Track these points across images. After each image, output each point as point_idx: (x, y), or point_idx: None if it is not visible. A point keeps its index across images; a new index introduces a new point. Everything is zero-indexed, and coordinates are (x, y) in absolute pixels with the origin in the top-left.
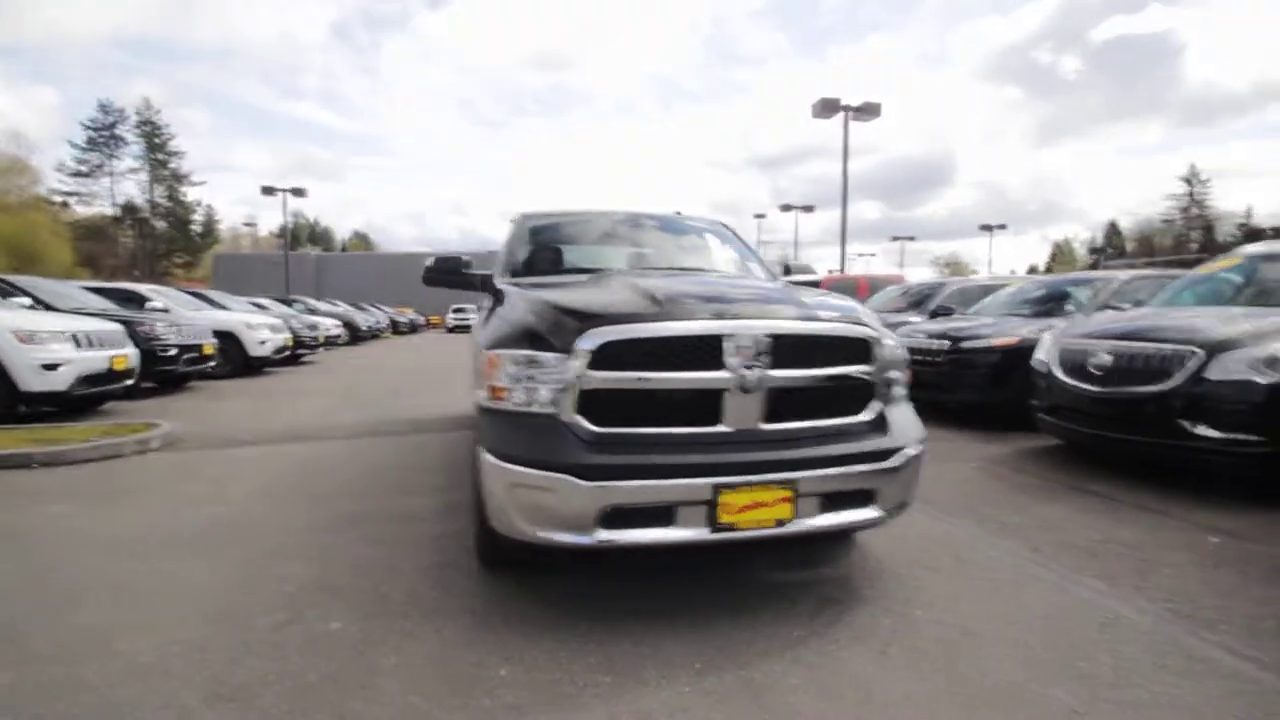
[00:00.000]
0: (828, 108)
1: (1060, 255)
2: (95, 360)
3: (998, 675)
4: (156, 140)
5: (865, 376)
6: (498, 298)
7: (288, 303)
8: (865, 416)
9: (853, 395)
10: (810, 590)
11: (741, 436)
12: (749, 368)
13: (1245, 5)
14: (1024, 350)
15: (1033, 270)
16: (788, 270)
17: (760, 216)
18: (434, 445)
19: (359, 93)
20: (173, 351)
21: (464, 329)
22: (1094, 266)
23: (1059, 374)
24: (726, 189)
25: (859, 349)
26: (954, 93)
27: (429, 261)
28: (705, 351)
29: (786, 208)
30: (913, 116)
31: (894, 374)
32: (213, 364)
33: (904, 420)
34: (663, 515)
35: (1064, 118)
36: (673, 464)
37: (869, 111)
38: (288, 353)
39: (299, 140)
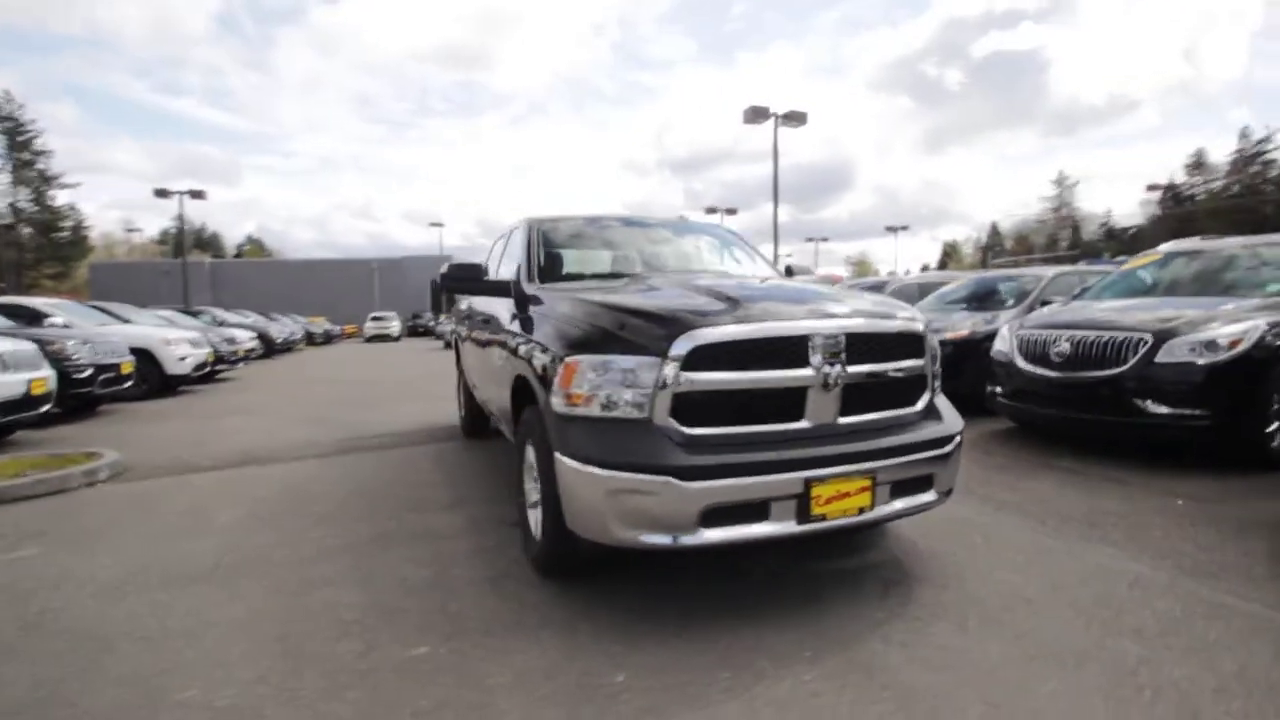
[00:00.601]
0: (757, 114)
1: (951, 255)
2: (12, 385)
3: (1070, 634)
4: (19, 138)
5: (921, 369)
6: (534, 303)
7: (192, 314)
8: (919, 407)
9: (911, 387)
10: (868, 575)
11: (822, 431)
12: (830, 365)
13: (1102, 26)
14: (973, 342)
15: (925, 268)
16: (790, 271)
17: (712, 211)
18: (423, 459)
19: (249, 89)
20: (88, 372)
21: (384, 338)
22: (983, 264)
23: (1020, 362)
24: (640, 191)
25: (917, 343)
26: (851, 101)
27: (444, 269)
28: (792, 351)
29: (711, 210)
30: (815, 123)
31: (937, 366)
32: (129, 384)
33: (948, 409)
34: (757, 511)
35: (950, 126)
36: (767, 460)
37: (796, 119)
38: (207, 369)
39: (182, 139)
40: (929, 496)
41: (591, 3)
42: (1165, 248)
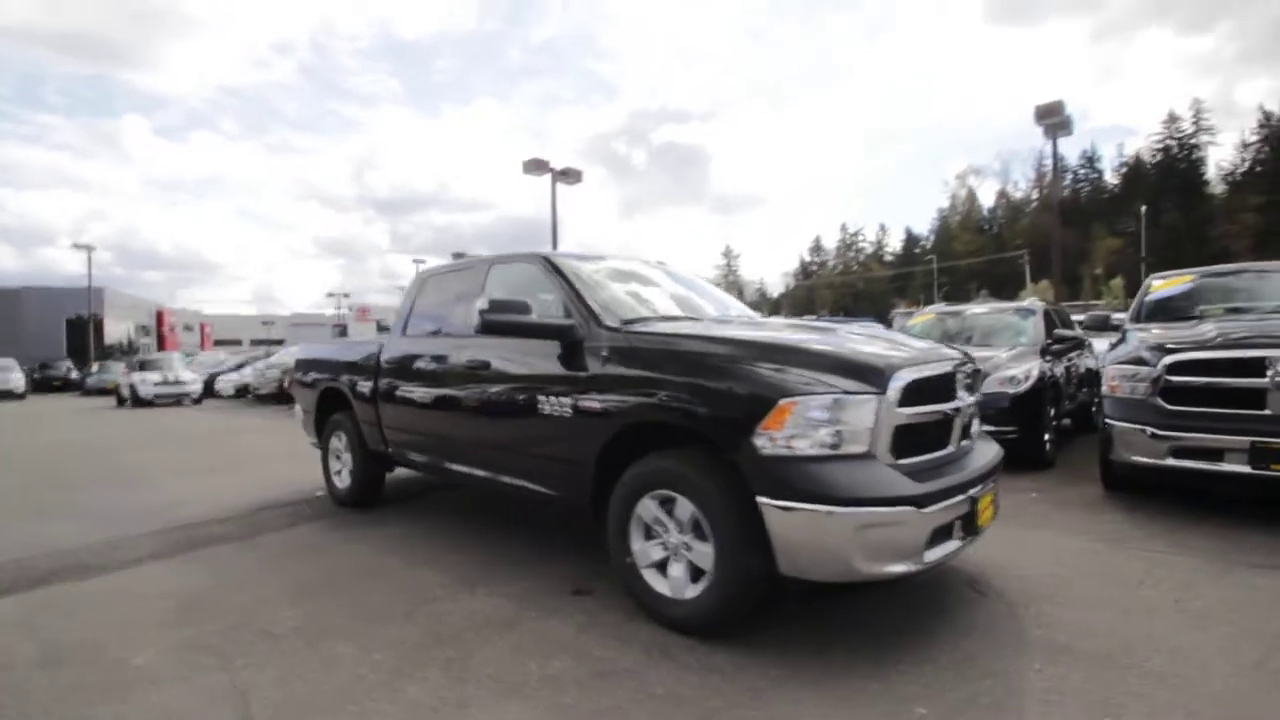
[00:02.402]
0: (537, 167)
1: None
2: None
3: (1159, 602)
4: None
5: None
6: (628, 345)
7: None
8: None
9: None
10: (946, 584)
11: (958, 454)
12: (964, 396)
13: (747, 130)
14: None
15: None
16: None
17: (419, 261)
18: (342, 547)
19: None
20: None
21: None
22: None
23: None
24: (337, 226)
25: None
26: (559, 163)
27: (486, 304)
28: (948, 386)
29: (419, 261)
30: (524, 181)
31: None
32: None
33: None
34: (949, 530)
35: (639, 198)
36: (959, 483)
37: (571, 176)
38: None
39: None
40: None
41: (276, 20)
42: (934, 309)
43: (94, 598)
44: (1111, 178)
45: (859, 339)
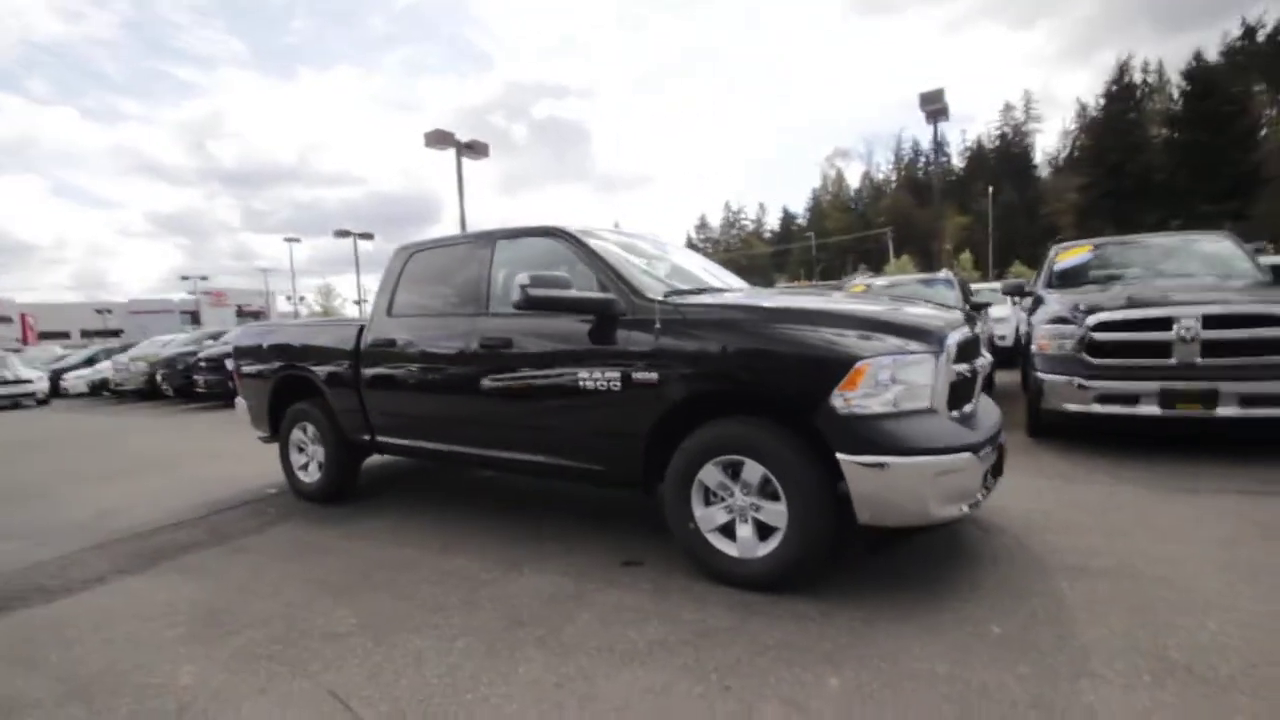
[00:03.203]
0: (441, 139)
1: None
2: None
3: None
4: None
5: None
6: (680, 317)
7: None
8: None
9: None
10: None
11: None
12: (986, 355)
13: (628, 109)
14: None
15: None
16: None
17: (293, 240)
18: (340, 544)
19: None
20: None
21: None
22: None
23: None
24: (175, 201)
25: None
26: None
27: (527, 279)
28: (976, 346)
29: (293, 239)
30: (394, 152)
31: None
32: None
33: None
34: (989, 474)
35: (521, 174)
36: (992, 432)
37: (478, 150)
38: None
39: None
40: None
41: None
42: (865, 280)
43: (79, 621)
44: (958, 161)
45: (906, 305)
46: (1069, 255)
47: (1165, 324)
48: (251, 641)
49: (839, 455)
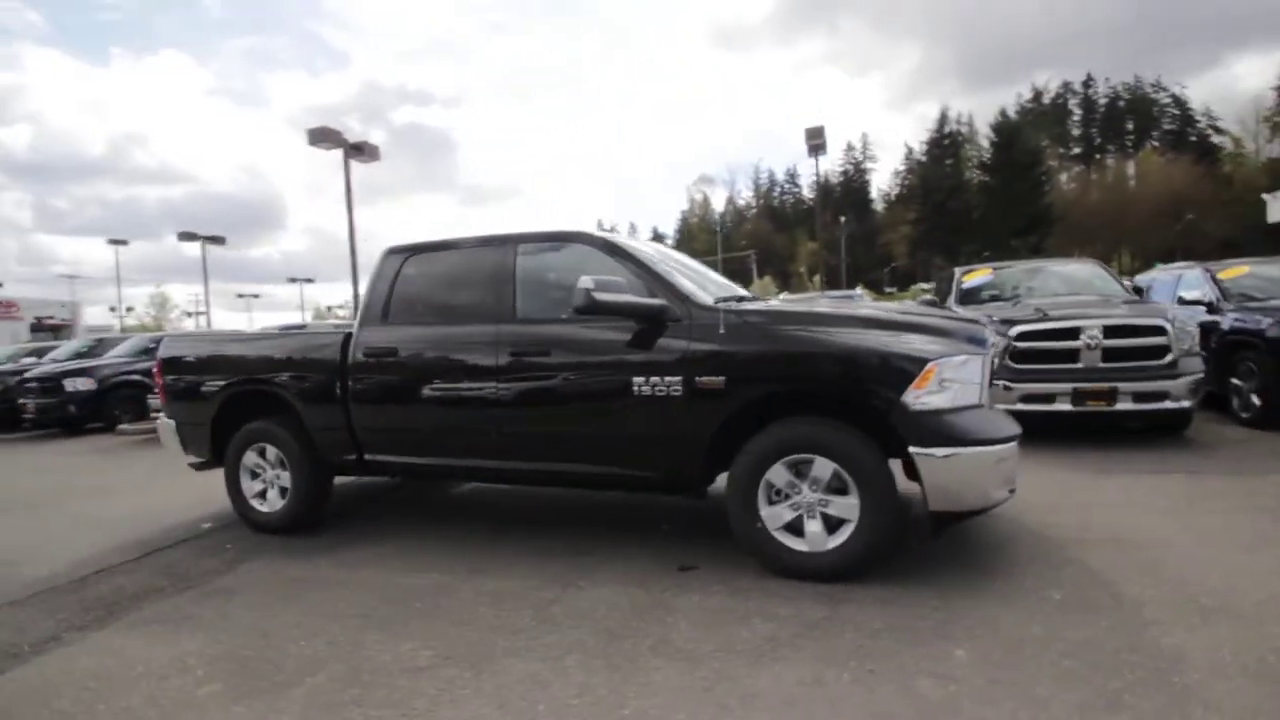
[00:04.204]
0: (325, 138)
1: None
2: None
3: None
4: None
5: None
6: (745, 323)
7: None
8: None
9: None
10: None
11: None
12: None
13: (496, 121)
14: None
15: None
16: None
17: (119, 243)
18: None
19: None
20: None
21: None
22: None
23: None
24: None
25: None
26: (276, 135)
27: (590, 283)
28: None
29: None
30: (233, 149)
31: None
32: None
33: None
34: None
35: (380, 181)
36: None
37: (368, 153)
38: None
39: None
40: None
41: None
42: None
43: (66, 689)
44: (808, 192)
45: (946, 312)
46: (973, 276)
47: (1074, 333)
48: (317, 690)
49: (912, 448)
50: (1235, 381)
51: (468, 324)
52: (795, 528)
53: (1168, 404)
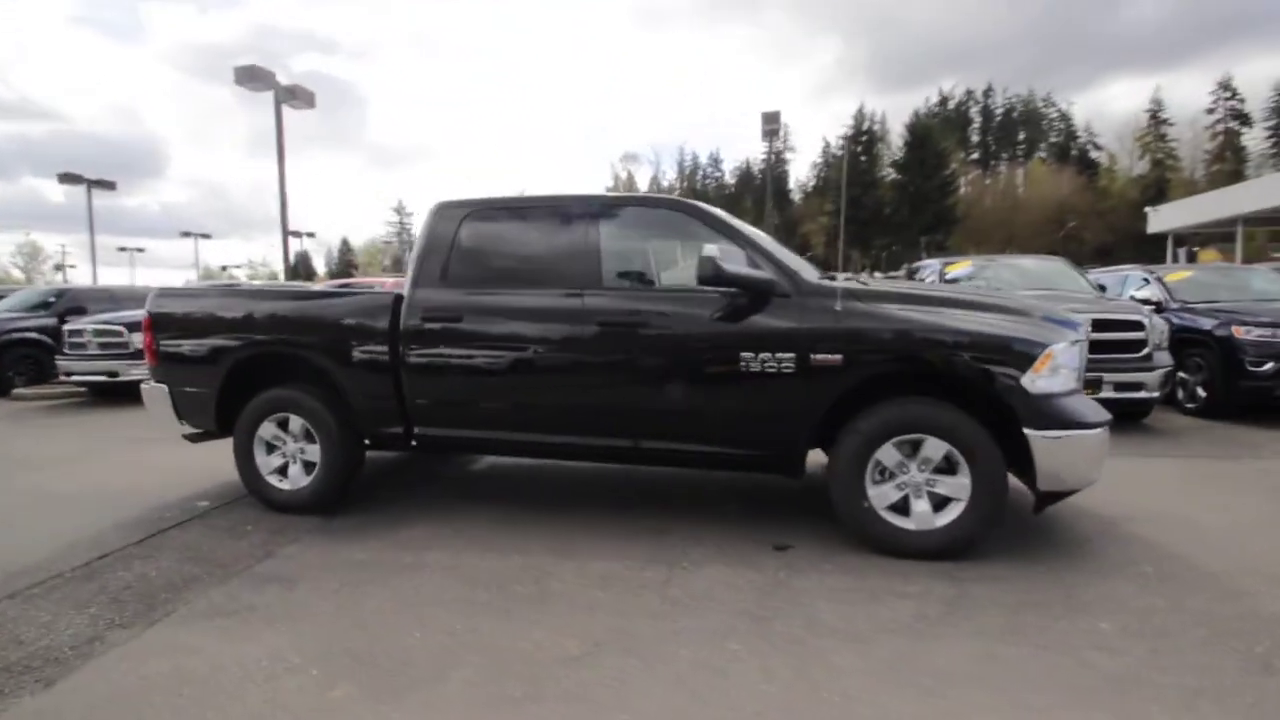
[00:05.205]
0: (254, 78)
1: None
2: None
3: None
4: None
5: None
6: (859, 303)
7: None
8: None
9: None
10: None
11: None
12: None
13: (407, 77)
14: None
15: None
16: None
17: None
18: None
19: None
20: None
21: None
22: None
23: None
24: None
25: None
26: (155, 78)
27: (714, 251)
28: None
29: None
30: (102, 86)
31: None
32: None
33: None
34: None
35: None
36: None
37: (302, 99)
38: None
39: None
40: None
41: None
42: None
43: (152, 698)
44: (730, 178)
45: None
46: (956, 268)
47: None
48: (471, 684)
49: (1027, 430)
50: (1183, 375)
51: (545, 289)
52: (899, 507)
53: (1142, 394)
